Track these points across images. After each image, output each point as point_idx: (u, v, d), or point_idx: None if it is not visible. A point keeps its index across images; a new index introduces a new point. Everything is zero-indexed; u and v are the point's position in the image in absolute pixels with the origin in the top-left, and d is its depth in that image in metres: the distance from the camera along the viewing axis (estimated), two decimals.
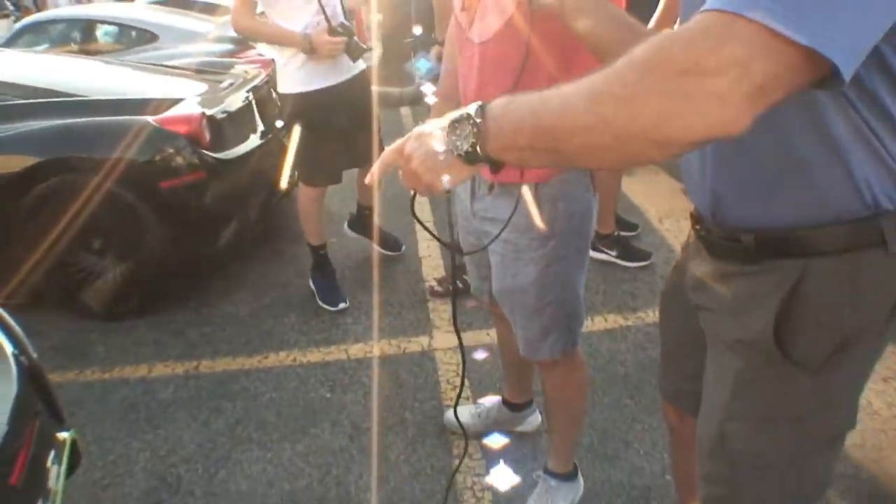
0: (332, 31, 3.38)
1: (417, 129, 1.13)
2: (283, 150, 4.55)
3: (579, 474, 2.40)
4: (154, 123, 3.77)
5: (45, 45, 8.23)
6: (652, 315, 3.45)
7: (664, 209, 4.69)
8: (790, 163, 1.08)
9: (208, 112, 3.92)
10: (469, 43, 1.80)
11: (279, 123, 4.43)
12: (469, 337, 3.38)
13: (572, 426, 2.30)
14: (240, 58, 6.53)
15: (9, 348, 1.96)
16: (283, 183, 4.36)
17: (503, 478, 2.54)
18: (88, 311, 3.85)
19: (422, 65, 3.98)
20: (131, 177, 3.69)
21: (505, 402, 2.70)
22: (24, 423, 1.80)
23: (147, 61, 6.13)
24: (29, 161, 3.77)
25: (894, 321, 1.12)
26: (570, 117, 0.89)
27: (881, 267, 1.07)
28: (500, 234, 1.68)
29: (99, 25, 8.46)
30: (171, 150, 3.75)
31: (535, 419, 2.73)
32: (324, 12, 3.37)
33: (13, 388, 1.82)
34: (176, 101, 4.03)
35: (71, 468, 2.04)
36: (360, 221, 4.26)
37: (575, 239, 1.91)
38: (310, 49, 3.35)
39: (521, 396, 2.67)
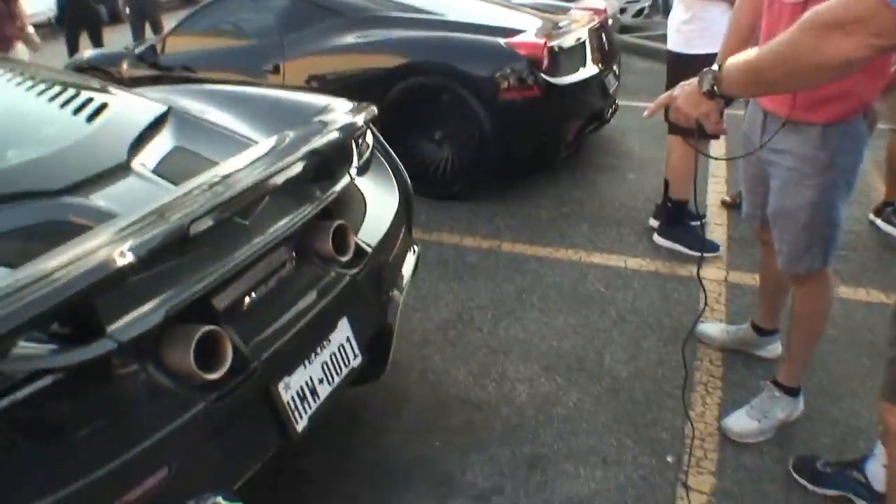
0: None
1: (683, 82, 1.86)
2: (604, 88, 5.11)
3: (801, 395, 2.73)
4: (504, 45, 4.48)
5: None
6: None
7: None
8: None
9: (549, 43, 4.54)
10: (778, 3, 2.19)
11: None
12: (737, 275, 3.77)
13: (808, 343, 2.63)
14: (575, 4, 7.11)
15: (392, 173, 2.72)
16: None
17: (735, 384, 2.95)
18: (420, 189, 4.63)
19: None
20: (477, 85, 4.48)
21: (754, 325, 3.08)
22: (400, 224, 2.53)
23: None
24: (398, 61, 4.67)
25: None
26: (775, 62, 1.52)
27: None
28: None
29: None
30: (515, 69, 4.44)
31: (775, 348, 3.05)
32: None
33: (396, 198, 2.56)
34: (521, 31, 4.69)
35: (414, 273, 2.76)
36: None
37: (848, 172, 2.28)
38: None
39: (769, 323, 3.02)
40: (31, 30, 6.87)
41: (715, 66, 1.70)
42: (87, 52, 6.68)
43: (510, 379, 2.98)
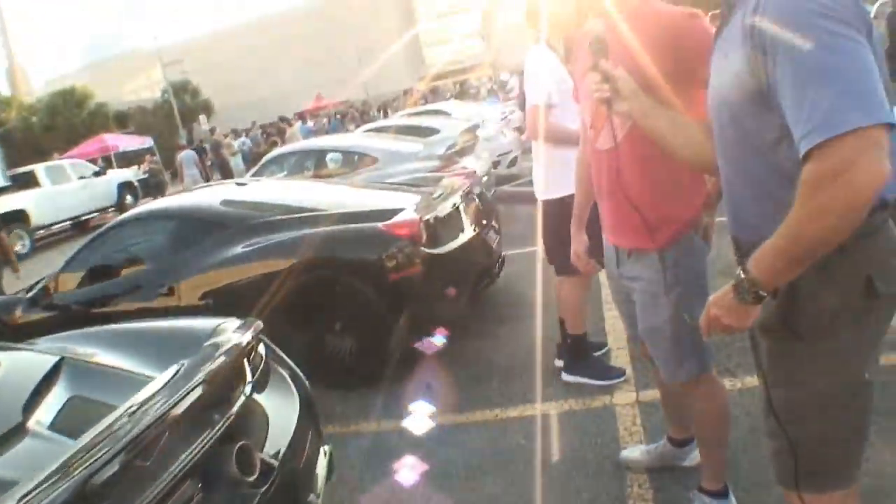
0: None
1: (710, 300, 1.76)
2: (487, 246, 5.37)
3: (731, 495, 2.81)
4: (382, 229, 4.70)
5: (284, 173, 9.70)
6: None
7: None
8: (770, 207, 1.63)
9: (424, 217, 4.79)
10: (597, 151, 2.51)
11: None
12: (647, 394, 3.89)
13: (717, 445, 2.75)
14: (446, 172, 7.54)
15: (289, 379, 2.78)
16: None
17: (668, 502, 3.01)
18: (330, 381, 4.67)
19: None
20: (365, 272, 4.66)
21: (670, 439, 3.19)
22: (305, 429, 2.57)
23: (371, 180, 7.28)
24: (287, 263, 4.79)
25: (872, 301, 1.62)
26: (803, 238, 1.50)
27: (843, 265, 1.59)
28: None
29: (327, 153, 9.86)
30: (396, 249, 4.65)
31: (696, 455, 3.12)
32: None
33: (297, 404, 2.62)
34: (398, 210, 4.95)
35: (329, 473, 2.78)
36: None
37: (696, 285, 2.48)
38: None
39: (682, 433, 3.14)
40: None
41: (739, 274, 1.65)
42: None
43: None
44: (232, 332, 2.59)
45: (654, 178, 2.39)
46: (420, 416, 4.19)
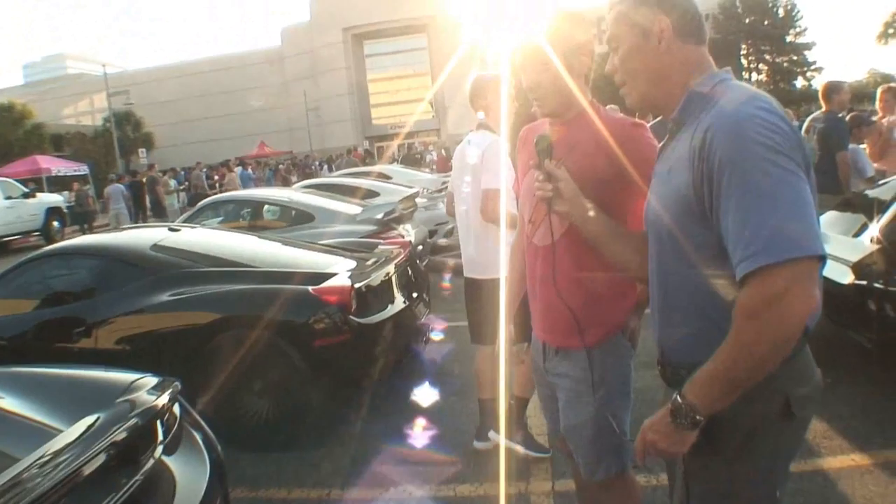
0: None
1: (646, 425, 1.79)
2: (415, 318, 5.37)
3: None
4: (312, 293, 4.68)
5: (220, 219, 9.61)
6: None
7: None
8: (700, 321, 1.74)
9: (356, 285, 4.78)
10: (533, 245, 2.56)
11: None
12: (563, 484, 3.88)
13: None
14: (382, 238, 7.57)
15: (201, 443, 2.72)
16: None
17: None
18: (243, 441, 4.57)
19: None
20: (291, 334, 4.60)
21: None
22: (213, 496, 2.50)
23: (306, 238, 7.25)
24: (212, 317, 4.73)
25: (788, 422, 1.69)
26: (740, 363, 1.57)
27: (763, 386, 1.62)
28: None
29: (265, 206, 9.82)
30: (325, 315, 4.64)
31: None
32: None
33: (207, 469, 2.55)
34: (330, 275, 4.94)
35: None
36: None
37: (620, 386, 2.53)
38: None
39: None
40: None
41: (676, 399, 1.69)
42: None
43: None
44: (148, 390, 2.52)
45: (588, 278, 2.45)
46: (332, 488, 4.11)
